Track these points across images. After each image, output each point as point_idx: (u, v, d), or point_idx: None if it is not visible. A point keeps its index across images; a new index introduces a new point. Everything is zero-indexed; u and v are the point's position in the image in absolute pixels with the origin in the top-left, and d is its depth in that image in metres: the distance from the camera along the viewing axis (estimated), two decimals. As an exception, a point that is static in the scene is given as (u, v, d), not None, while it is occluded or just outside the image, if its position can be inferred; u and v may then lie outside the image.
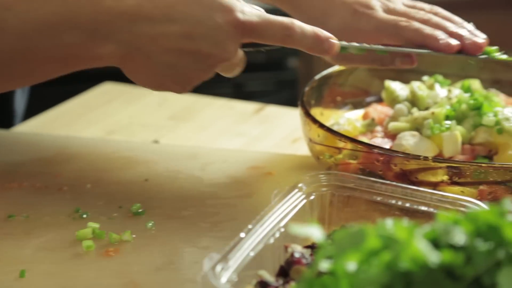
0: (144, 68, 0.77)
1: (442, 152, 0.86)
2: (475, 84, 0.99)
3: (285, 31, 0.78)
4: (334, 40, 0.80)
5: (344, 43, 0.84)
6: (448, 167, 0.80)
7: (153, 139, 1.08)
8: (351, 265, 0.47)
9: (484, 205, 0.70)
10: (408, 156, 0.81)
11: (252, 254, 0.65)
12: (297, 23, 0.79)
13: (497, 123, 0.85)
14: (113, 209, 0.86)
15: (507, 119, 0.85)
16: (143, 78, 0.79)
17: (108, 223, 0.82)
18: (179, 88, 0.80)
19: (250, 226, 0.67)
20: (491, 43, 0.92)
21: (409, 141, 0.87)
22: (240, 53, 0.80)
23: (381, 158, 0.82)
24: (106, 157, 0.98)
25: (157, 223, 0.83)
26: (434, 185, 0.81)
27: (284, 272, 0.67)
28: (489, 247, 0.46)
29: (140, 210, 0.85)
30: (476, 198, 0.77)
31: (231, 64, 0.81)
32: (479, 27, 0.94)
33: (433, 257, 0.44)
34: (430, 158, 0.80)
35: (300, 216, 0.73)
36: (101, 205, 0.86)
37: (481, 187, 0.80)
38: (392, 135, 0.91)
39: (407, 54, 0.91)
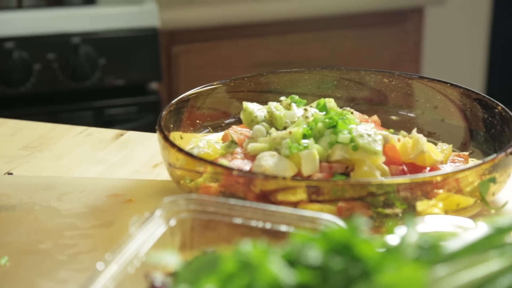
0: None
1: (301, 171, 0.87)
2: (330, 102, 1.01)
3: None
4: None
5: None
6: (306, 186, 0.81)
7: (5, 171, 1.03)
8: (208, 291, 0.46)
9: (341, 222, 0.71)
10: (266, 177, 0.81)
11: (111, 285, 0.63)
12: None
13: (352, 140, 0.87)
14: (-37, 246, 0.81)
15: (361, 136, 0.87)
16: None
17: (-43, 262, 0.78)
18: None
19: (107, 257, 0.65)
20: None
21: (268, 161, 0.87)
22: None
23: (241, 180, 0.82)
24: (-45, 192, 0.93)
25: (11, 259, 0.79)
26: (295, 204, 0.82)
27: (145, 302, 0.65)
28: (344, 265, 0.47)
29: (-8, 246, 0.81)
30: (335, 215, 0.78)
31: None
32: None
33: (287, 278, 0.44)
34: (288, 178, 0.81)
35: (161, 243, 0.72)
36: (-50, 244, 0.82)
37: (339, 203, 0.81)
38: (251, 156, 0.91)
39: None
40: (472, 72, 3.10)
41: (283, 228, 0.74)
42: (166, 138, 0.89)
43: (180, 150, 0.87)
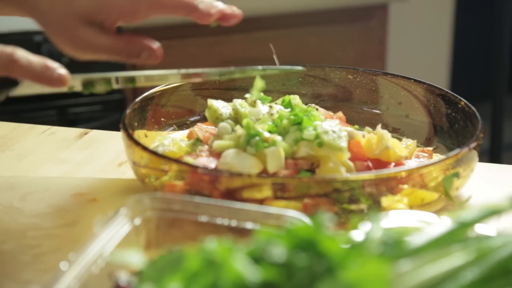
0: None
1: (266, 168, 0.87)
2: (296, 99, 1.01)
3: (8, 57, 0.75)
4: (63, 71, 0.79)
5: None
6: (272, 183, 0.81)
7: (-32, 171, 1.02)
8: (173, 290, 0.46)
9: (307, 219, 0.71)
10: (232, 174, 0.81)
11: (75, 285, 0.62)
12: (21, 51, 0.76)
13: (317, 136, 0.87)
14: None
15: (326, 132, 0.87)
16: None
17: None
18: None
19: (71, 257, 0.64)
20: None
21: (233, 159, 0.87)
22: None
23: (206, 178, 0.82)
24: None
25: (-27, 261, 0.78)
26: (260, 201, 0.82)
27: (110, 302, 0.64)
28: (308, 262, 0.47)
29: (-46, 248, 0.80)
30: (301, 212, 0.78)
31: None
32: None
33: (252, 276, 0.44)
34: (253, 175, 0.80)
35: (126, 242, 0.71)
36: None
37: (305, 200, 0.81)
38: (217, 154, 0.90)
39: (152, 48, 0.91)
40: (436, 68, 3.13)
41: (249, 225, 0.73)
42: (130, 137, 0.89)
43: (145, 148, 0.86)
